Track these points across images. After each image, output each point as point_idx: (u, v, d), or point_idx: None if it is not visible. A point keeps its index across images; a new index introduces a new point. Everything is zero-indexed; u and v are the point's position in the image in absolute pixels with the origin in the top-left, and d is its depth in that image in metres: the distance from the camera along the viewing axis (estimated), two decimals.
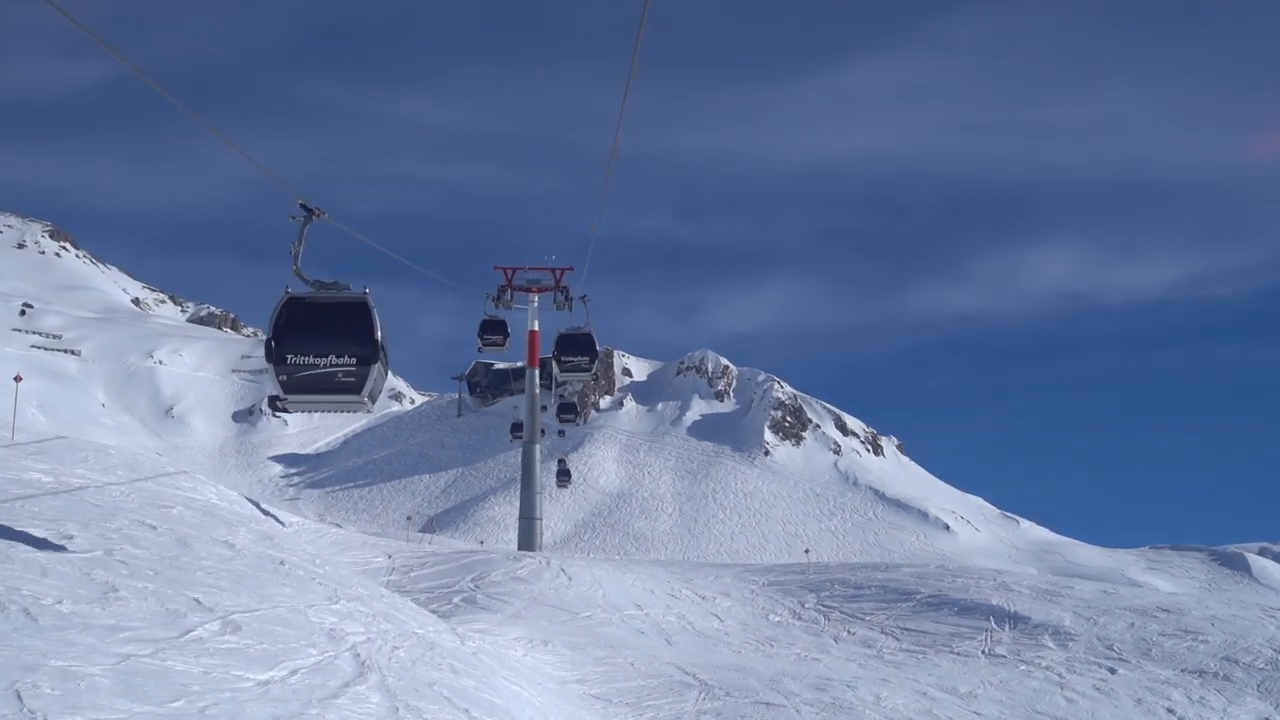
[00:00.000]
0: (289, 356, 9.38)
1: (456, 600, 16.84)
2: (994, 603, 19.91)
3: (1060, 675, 16.22)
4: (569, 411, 42.13)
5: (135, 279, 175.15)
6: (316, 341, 9.39)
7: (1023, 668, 16.64)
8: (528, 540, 29.63)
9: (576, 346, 28.16)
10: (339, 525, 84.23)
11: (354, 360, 9.37)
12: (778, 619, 19.78)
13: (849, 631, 18.97)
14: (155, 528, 10.81)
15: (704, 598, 20.39)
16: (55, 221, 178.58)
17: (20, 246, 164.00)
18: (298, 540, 16.42)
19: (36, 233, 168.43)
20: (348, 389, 9.42)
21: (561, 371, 28.51)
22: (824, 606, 20.54)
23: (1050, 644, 17.82)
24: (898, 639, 18.48)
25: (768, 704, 13.46)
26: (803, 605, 20.59)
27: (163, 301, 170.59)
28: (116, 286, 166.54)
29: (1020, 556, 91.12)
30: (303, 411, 9.81)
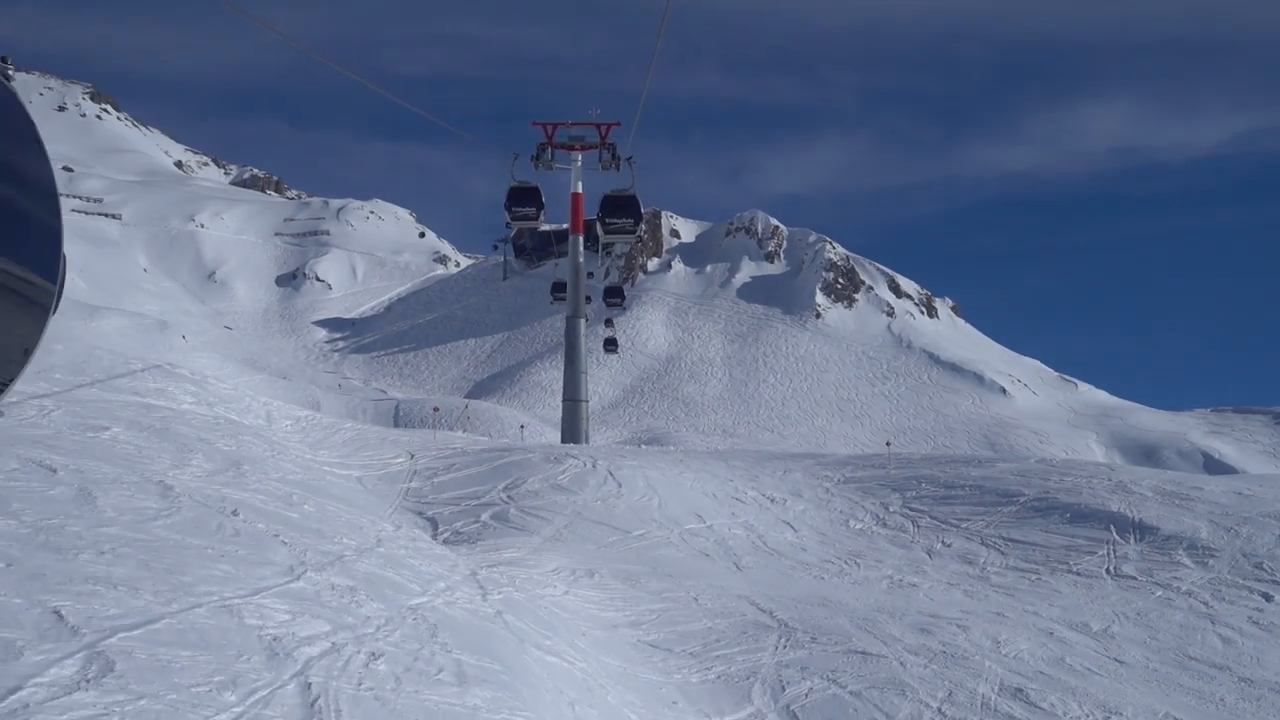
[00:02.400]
0: None
1: (485, 517, 14.26)
2: (1113, 508, 17.06)
3: (1207, 604, 13.46)
4: (616, 295, 39.49)
5: (178, 141, 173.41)
6: None
7: (1160, 593, 13.90)
8: (571, 425, 27.15)
9: (621, 208, 25.90)
10: (384, 391, 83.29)
11: None
12: (860, 526, 17.15)
13: (943, 543, 16.29)
14: (54, 471, 7.37)
15: (773, 500, 17.76)
16: (96, 83, 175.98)
17: (61, 109, 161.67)
18: (293, 451, 13.76)
19: (77, 95, 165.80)
20: None
21: (606, 234, 26.84)
22: (911, 510, 17.83)
23: (1187, 562, 15.02)
24: (1003, 553, 15.78)
25: (864, 653, 10.87)
26: (886, 509, 17.90)
27: (205, 164, 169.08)
28: (159, 149, 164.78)
29: (1079, 420, 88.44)
30: None
